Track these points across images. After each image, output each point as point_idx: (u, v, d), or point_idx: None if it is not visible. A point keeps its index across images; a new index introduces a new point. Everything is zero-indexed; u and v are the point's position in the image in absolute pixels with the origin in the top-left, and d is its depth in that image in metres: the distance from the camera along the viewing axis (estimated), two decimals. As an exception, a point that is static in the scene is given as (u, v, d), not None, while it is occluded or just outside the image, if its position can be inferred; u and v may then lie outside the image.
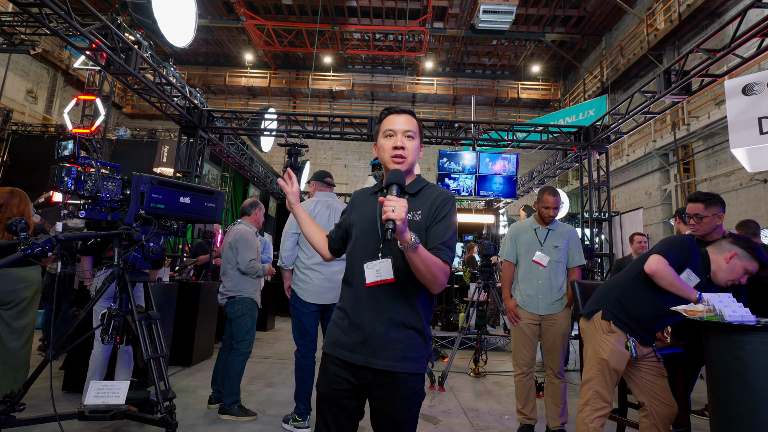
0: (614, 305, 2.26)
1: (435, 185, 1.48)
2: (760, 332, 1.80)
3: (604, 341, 2.23)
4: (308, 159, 14.80)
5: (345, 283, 1.44)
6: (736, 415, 1.82)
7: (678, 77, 4.95)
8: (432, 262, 1.25)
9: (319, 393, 1.38)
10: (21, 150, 10.17)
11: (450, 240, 1.34)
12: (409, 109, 1.46)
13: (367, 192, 1.53)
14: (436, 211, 1.36)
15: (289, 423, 3.00)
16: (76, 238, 2.46)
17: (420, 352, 1.33)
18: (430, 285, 1.30)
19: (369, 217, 1.42)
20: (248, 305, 3.36)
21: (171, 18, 5.85)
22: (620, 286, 2.32)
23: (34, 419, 2.35)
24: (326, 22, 15.40)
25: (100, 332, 2.43)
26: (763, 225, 8.12)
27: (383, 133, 1.43)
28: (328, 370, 1.36)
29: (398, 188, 1.26)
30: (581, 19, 14.93)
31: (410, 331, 1.33)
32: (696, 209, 2.61)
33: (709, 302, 1.94)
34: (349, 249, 1.46)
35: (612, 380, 2.21)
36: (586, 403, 2.23)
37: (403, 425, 1.32)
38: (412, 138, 1.43)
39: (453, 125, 7.46)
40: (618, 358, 2.18)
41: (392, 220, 1.12)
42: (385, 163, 1.43)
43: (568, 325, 3.08)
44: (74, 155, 2.46)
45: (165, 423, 2.31)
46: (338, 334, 1.37)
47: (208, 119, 7.01)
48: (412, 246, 1.18)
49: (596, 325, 2.29)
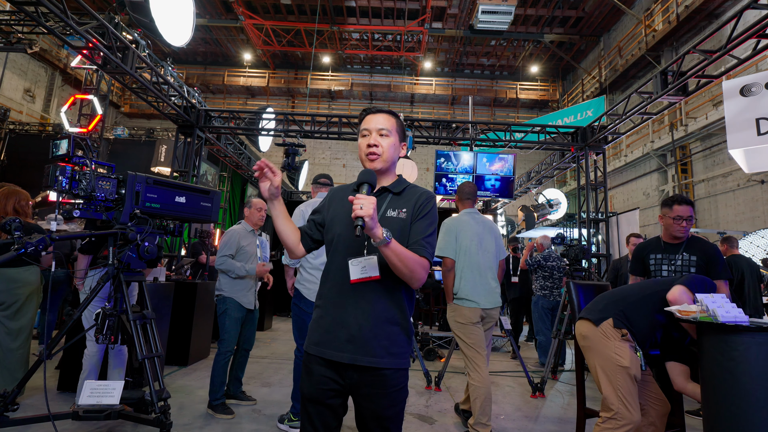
0: (621, 317, 2.21)
1: (416, 186, 1.52)
2: (753, 332, 1.80)
3: (620, 348, 2.13)
4: (307, 159, 14.81)
5: (325, 280, 1.44)
6: (729, 415, 1.82)
7: (675, 78, 4.96)
8: (407, 257, 1.27)
9: (304, 394, 1.37)
10: (18, 149, 10.14)
11: (430, 236, 1.38)
12: (388, 110, 1.48)
13: (347, 189, 1.53)
14: (419, 209, 1.41)
15: (285, 423, 3.00)
16: (71, 237, 2.45)
17: (403, 348, 1.36)
18: (408, 279, 1.31)
19: (348, 214, 1.42)
20: (227, 305, 3.27)
21: (169, 17, 5.83)
22: (627, 299, 2.28)
23: (28, 419, 2.34)
24: (325, 21, 15.40)
25: (95, 332, 2.43)
26: (760, 226, 8.14)
27: (360, 134, 1.47)
28: (313, 371, 1.35)
29: (369, 187, 1.30)
30: (580, 20, 14.95)
31: (394, 327, 1.35)
32: (689, 211, 2.68)
33: (702, 302, 1.94)
34: (331, 247, 1.45)
35: (635, 388, 2.10)
36: (613, 418, 2.07)
37: (389, 422, 1.33)
38: (386, 136, 1.44)
39: (450, 125, 7.47)
40: (636, 365, 2.11)
41: (361, 217, 1.16)
42: (362, 161, 1.46)
43: None
44: (69, 154, 2.45)
45: (159, 423, 2.31)
46: (321, 333, 1.37)
47: (205, 119, 7.00)
48: (384, 241, 1.21)
49: (607, 333, 2.20)
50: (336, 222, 1.45)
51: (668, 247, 2.78)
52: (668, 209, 2.75)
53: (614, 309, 2.25)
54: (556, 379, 4.89)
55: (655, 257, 2.82)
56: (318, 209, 1.56)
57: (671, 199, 2.76)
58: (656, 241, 2.88)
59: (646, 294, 2.26)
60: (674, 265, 2.71)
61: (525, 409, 3.75)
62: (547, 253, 5.74)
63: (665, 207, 2.79)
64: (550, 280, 5.58)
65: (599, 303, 2.37)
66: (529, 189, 11.06)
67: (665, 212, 2.78)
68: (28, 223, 3.17)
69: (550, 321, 5.48)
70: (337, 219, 1.45)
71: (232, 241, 3.35)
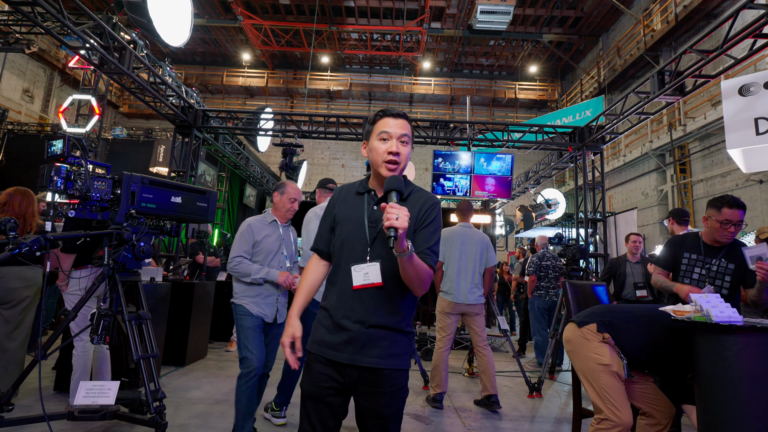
0: (605, 324, 2.11)
1: (421, 189, 1.48)
2: (747, 333, 1.80)
3: (600, 347, 2.07)
4: (305, 159, 14.81)
5: (330, 283, 1.44)
6: (723, 415, 1.82)
7: (672, 78, 4.96)
8: (422, 269, 1.28)
9: (303, 391, 1.38)
10: (17, 149, 10.14)
11: (435, 245, 1.37)
12: (405, 113, 1.45)
13: (352, 190, 1.50)
14: (424, 216, 1.39)
15: (268, 411, 3.10)
16: (65, 237, 2.45)
17: (404, 349, 1.36)
18: (416, 288, 1.32)
19: (356, 219, 1.40)
20: (238, 312, 2.68)
21: (166, 17, 5.83)
22: (616, 312, 2.19)
23: (23, 419, 2.34)
24: (324, 21, 15.40)
25: (90, 332, 2.42)
26: (758, 225, 8.15)
27: (378, 136, 1.40)
28: (313, 369, 1.36)
29: (398, 195, 1.26)
30: (578, 20, 14.96)
31: (395, 331, 1.35)
32: (740, 216, 2.41)
33: (696, 302, 1.94)
34: (336, 249, 1.43)
35: (621, 386, 2.02)
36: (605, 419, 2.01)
37: (388, 421, 1.34)
38: (406, 143, 1.41)
39: (448, 125, 7.47)
40: (618, 364, 2.03)
41: (395, 228, 1.12)
42: (377, 166, 1.40)
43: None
44: (64, 154, 2.45)
45: (154, 423, 2.31)
46: (323, 333, 1.38)
47: (203, 119, 7.00)
48: (408, 254, 1.20)
49: (587, 335, 2.13)
50: (342, 224, 1.43)
51: (707, 249, 2.53)
52: (716, 211, 2.45)
53: (600, 317, 2.17)
54: (554, 379, 4.89)
55: (689, 257, 2.57)
56: (328, 211, 1.51)
57: (720, 201, 2.44)
58: (694, 239, 2.62)
59: (639, 315, 2.16)
60: (709, 270, 2.48)
61: (522, 409, 3.75)
62: (542, 253, 5.74)
63: (712, 208, 2.48)
64: (545, 280, 5.58)
65: (588, 310, 2.30)
66: (527, 189, 11.05)
67: (711, 214, 2.47)
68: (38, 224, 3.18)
69: (546, 321, 5.49)
70: (343, 222, 1.43)
71: (245, 238, 2.71)
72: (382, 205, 1.19)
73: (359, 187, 1.49)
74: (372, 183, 1.46)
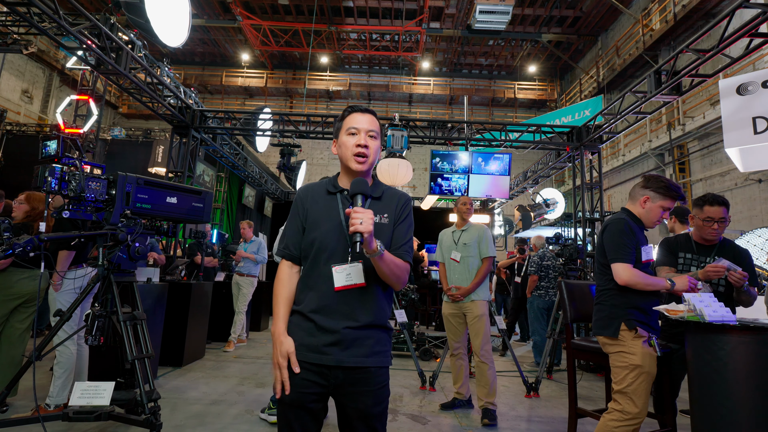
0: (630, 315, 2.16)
1: (392, 188, 1.51)
2: (740, 332, 1.80)
3: (632, 347, 2.12)
4: (305, 159, 14.80)
5: (305, 287, 1.38)
6: (716, 414, 1.82)
7: (669, 77, 4.96)
8: (395, 264, 1.33)
9: (283, 399, 1.30)
10: (16, 150, 10.13)
11: (410, 240, 1.43)
12: (372, 110, 1.48)
13: (320, 190, 1.47)
14: (401, 212, 1.44)
15: (265, 412, 3.13)
16: (59, 238, 2.45)
17: (386, 346, 1.39)
18: (393, 284, 1.37)
19: (332, 220, 1.38)
20: None
21: (164, 18, 5.82)
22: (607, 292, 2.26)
23: (18, 420, 2.34)
24: (323, 22, 15.40)
25: (85, 332, 2.42)
26: (757, 225, 8.14)
27: (346, 131, 1.43)
28: (294, 375, 1.30)
29: (363, 198, 1.30)
30: (577, 20, 14.95)
31: (377, 329, 1.37)
32: (722, 213, 2.49)
33: (689, 302, 1.94)
34: (310, 252, 1.38)
35: (648, 385, 2.11)
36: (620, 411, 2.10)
37: (375, 420, 1.33)
38: (374, 138, 1.44)
39: (446, 125, 7.46)
40: (650, 361, 2.10)
41: (360, 232, 1.16)
42: (346, 160, 1.42)
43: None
44: (58, 155, 2.45)
45: (149, 424, 2.31)
46: (302, 337, 1.33)
47: (200, 119, 7.00)
48: (378, 253, 1.24)
49: (624, 338, 2.16)
50: (315, 227, 1.39)
51: (699, 248, 2.62)
52: (698, 210, 2.57)
53: (621, 311, 2.19)
54: (552, 378, 4.89)
55: (684, 256, 2.65)
56: (296, 213, 1.46)
57: (702, 199, 2.55)
58: (686, 239, 2.71)
59: (609, 277, 2.24)
60: (703, 268, 2.53)
61: (519, 409, 3.75)
62: (542, 253, 5.74)
63: (696, 207, 2.58)
64: (545, 280, 5.58)
65: (603, 311, 2.28)
66: (525, 189, 11.05)
67: (696, 213, 2.59)
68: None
69: (545, 321, 5.48)
70: (317, 224, 1.40)
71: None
72: (347, 211, 1.21)
73: (329, 186, 1.46)
74: (342, 181, 1.47)
